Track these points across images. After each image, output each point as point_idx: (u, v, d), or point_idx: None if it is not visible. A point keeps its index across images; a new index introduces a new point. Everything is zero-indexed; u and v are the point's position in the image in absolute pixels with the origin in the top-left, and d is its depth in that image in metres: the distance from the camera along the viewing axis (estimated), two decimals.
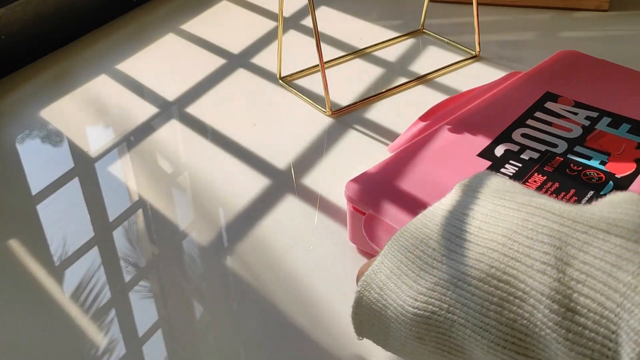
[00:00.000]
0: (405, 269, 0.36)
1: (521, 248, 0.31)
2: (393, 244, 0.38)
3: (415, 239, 0.37)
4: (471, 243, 0.34)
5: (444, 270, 0.34)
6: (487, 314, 0.32)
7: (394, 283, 0.37)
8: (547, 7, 0.89)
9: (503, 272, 0.31)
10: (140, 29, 0.91)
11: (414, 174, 0.53)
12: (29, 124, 0.73)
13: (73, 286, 0.53)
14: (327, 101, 0.71)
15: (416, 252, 0.36)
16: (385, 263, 0.38)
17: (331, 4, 0.95)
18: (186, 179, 0.64)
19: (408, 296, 0.35)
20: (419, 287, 0.35)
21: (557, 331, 0.29)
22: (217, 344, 0.47)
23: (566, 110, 0.59)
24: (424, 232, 0.37)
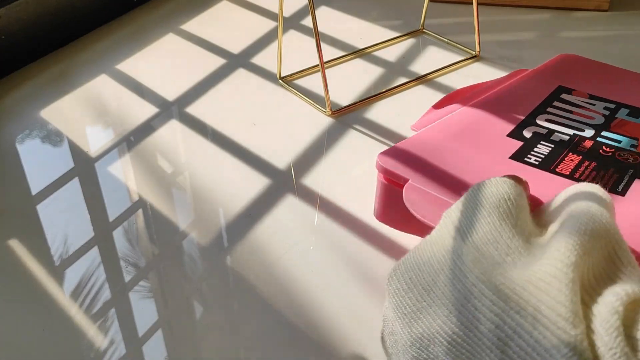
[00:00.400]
0: (399, 314, 0.39)
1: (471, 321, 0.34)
2: (392, 283, 0.40)
3: (410, 281, 0.39)
4: (426, 305, 0.37)
5: (420, 325, 0.37)
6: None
7: (399, 324, 0.39)
8: (547, 7, 0.89)
9: (462, 340, 0.34)
10: (140, 29, 0.91)
11: (446, 149, 0.53)
12: (29, 124, 0.73)
13: (73, 286, 0.53)
14: (327, 101, 0.71)
15: (393, 306, 0.39)
16: (391, 301, 0.40)
17: (331, 4, 0.95)
18: (186, 179, 0.64)
19: (404, 343, 0.38)
20: (410, 337, 0.38)
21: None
22: (217, 344, 0.47)
23: (583, 101, 0.59)
24: (398, 287, 0.39)
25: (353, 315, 0.49)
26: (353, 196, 0.60)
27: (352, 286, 0.51)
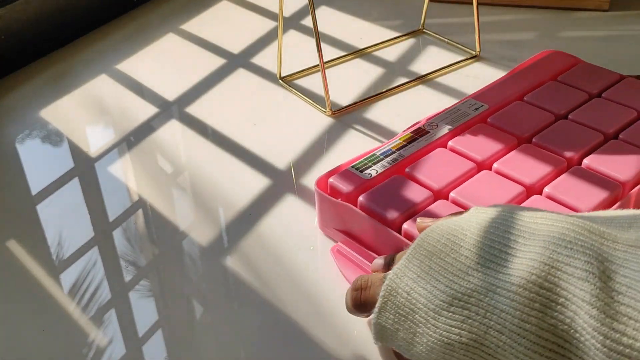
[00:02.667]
0: (435, 274, 0.36)
1: (561, 257, 0.32)
2: (418, 249, 0.38)
3: (445, 245, 0.37)
4: (509, 254, 0.34)
5: (479, 277, 0.35)
6: (528, 319, 0.32)
7: (422, 287, 0.37)
8: (547, 7, 0.89)
9: (544, 280, 0.32)
10: (140, 29, 0.91)
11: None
12: (29, 124, 0.73)
13: (73, 286, 0.53)
14: (327, 101, 0.71)
15: (447, 258, 0.37)
16: (411, 267, 0.38)
17: (331, 4, 0.95)
18: (186, 179, 0.64)
19: (441, 300, 0.35)
20: (453, 291, 0.35)
21: (595, 337, 0.29)
22: (217, 344, 0.47)
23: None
24: (455, 239, 0.37)
25: (353, 315, 0.49)
26: None
27: None
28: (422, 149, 0.56)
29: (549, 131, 0.57)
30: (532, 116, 0.59)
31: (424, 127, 0.59)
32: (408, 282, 0.37)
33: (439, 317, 0.35)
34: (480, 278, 0.34)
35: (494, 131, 0.57)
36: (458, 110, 0.61)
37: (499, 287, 0.33)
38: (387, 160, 0.55)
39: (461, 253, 0.36)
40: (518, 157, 0.54)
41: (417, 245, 0.38)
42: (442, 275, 0.36)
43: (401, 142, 0.57)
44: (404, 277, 0.38)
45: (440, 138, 0.57)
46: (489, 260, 0.35)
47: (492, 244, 0.35)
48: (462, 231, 0.37)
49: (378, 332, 0.39)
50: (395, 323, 0.38)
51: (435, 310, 0.35)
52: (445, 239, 0.37)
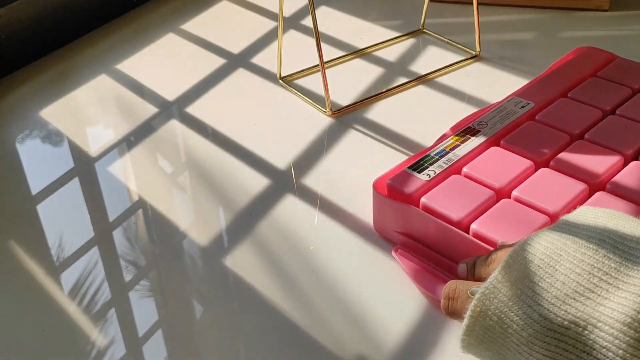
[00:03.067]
0: (529, 300, 0.34)
1: None
2: (509, 270, 0.36)
3: (539, 268, 0.35)
4: (611, 285, 0.32)
5: (578, 308, 0.33)
6: (632, 359, 0.30)
7: (515, 313, 0.35)
8: (547, 7, 0.89)
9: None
10: (140, 29, 0.91)
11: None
12: (29, 124, 0.73)
13: (73, 286, 0.53)
14: (327, 101, 0.71)
15: (542, 282, 0.34)
16: (502, 290, 0.36)
17: (331, 4, 0.95)
18: (186, 179, 0.64)
19: (535, 330, 0.34)
20: (548, 322, 0.33)
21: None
22: (217, 344, 0.47)
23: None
24: (550, 261, 0.35)
25: (353, 315, 0.49)
26: (353, 196, 0.60)
27: (352, 286, 0.51)
28: (475, 148, 0.56)
29: (600, 127, 0.57)
30: (580, 113, 0.59)
31: (473, 126, 0.58)
32: (499, 305, 0.36)
33: (533, 345, 0.34)
34: (579, 309, 0.32)
35: (544, 128, 0.57)
36: (505, 109, 0.60)
37: (600, 322, 0.32)
38: (442, 160, 0.55)
39: (557, 278, 0.34)
40: (574, 154, 0.54)
41: (508, 265, 0.36)
42: (536, 302, 0.34)
43: (454, 142, 0.57)
44: (494, 299, 0.36)
45: (492, 136, 0.57)
46: (589, 290, 0.33)
47: (591, 270, 0.33)
48: (557, 251, 0.35)
49: (465, 347, 0.38)
50: (484, 342, 0.36)
51: (528, 339, 0.34)
52: (539, 260, 0.35)
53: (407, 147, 0.65)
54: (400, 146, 0.65)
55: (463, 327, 0.37)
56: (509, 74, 0.76)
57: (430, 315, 0.48)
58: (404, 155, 0.64)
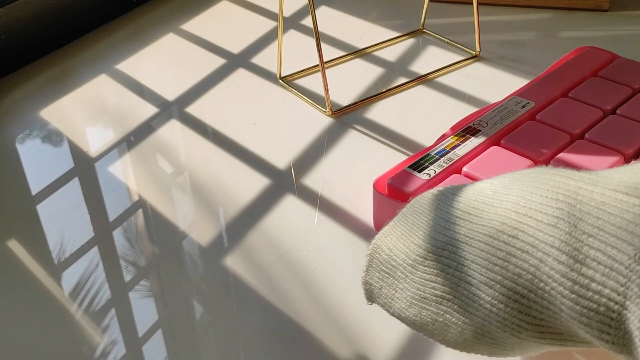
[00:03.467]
0: (416, 230, 0.36)
1: (534, 205, 0.31)
2: (406, 209, 0.38)
3: (432, 203, 0.36)
4: (486, 205, 0.33)
5: (456, 230, 0.34)
6: (493, 269, 0.31)
7: (403, 243, 0.36)
8: (547, 7, 0.89)
9: (513, 228, 0.31)
10: (140, 29, 0.91)
11: None
12: (29, 124, 0.73)
13: (73, 286, 0.53)
14: (327, 101, 0.71)
15: (432, 214, 0.36)
16: (398, 225, 0.37)
17: (331, 4, 0.95)
18: (186, 179, 0.64)
19: (418, 255, 0.35)
20: (429, 245, 0.34)
21: (563, 283, 0.28)
22: (217, 344, 0.47)
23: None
24: (444, 198, 0.36)
25: (353, 315, 0.49)
26: (353, 196, 0.60)
27: (352, 286, 0.51)
28: (476, 147, 0.56)
29: (600, 127, 0.57)
30: (580, 112, 0.59)
31: (474, 126, 0.58)
32: (392, 239, 0.37)
33: (416, 271, 0.35)
34: (456, 230, 0.33)
35: (544, 128, 0.57)
36: (505, 108, 0.61)
37: (471, 239, 0.32)
38: (443, 160, 0.55)
39: (443, 209, 0.35)
40: (574, 154, 0.54)
41: (409, 205, 0.38)
42: (422, 230, 0.35)
43: (454, 141, 0.57)
44: (389, 235, 0.37)
45: (493, 136, 0.57)
46: (467, 213, 0.34)
47: (474, 197, 0.34)
48: (452, 191, 0.37)
49: (367, 290, 0.39)
50: (380, 280, 0.37)
51: (412, 265, 0.35)
52: (436, 197, 0.37)
53: (407, 147, 0.65)
54: (400, 146, 0.65)
55: (363, 269, 0.38)
56: (509, 74, 0.76)
57: None
58: (404, 155, 0.64)
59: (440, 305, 0.34)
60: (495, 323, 0.31)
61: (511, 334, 0.31)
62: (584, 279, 0.27)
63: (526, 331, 0.30)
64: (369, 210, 0.58)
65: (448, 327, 0.34)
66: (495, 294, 0.31)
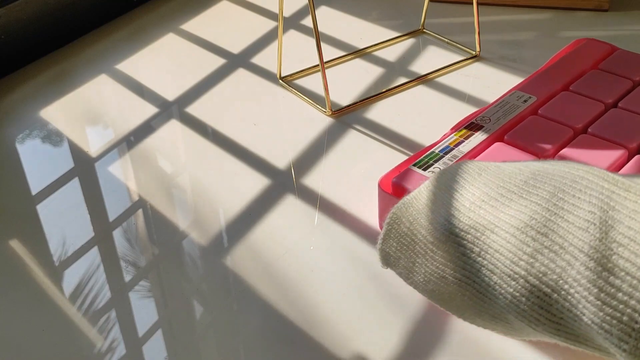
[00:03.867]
0: (439, 207, 0.35)
1: (566, 205, 0.31)
2: (431, 182, 0.37)
3: (457, 182, 0.36)
4: (516, 194, 0.33)
5: (480, 214, 0.34)
6: (518, 263, 0.31)
7: (425, 219, 0.36)
8: (547, 7, 0.89)
9: (543, 225, 0.31)
10: (140, 29, 0.91)
11: None
12: (29, 124, 0.73)
13: (73, 286, 0.53)
14: (327, 101, 0.71)
15: (455, 193, 0.35)
16: (420, 199, 0.37)
17: (331, 4, 0.95)
18: (186, 179, 0.64)
19: (440, 234, 0.34)
20: (452, 226, 0.34)
21: (588, 289, 0.28)
22: (217, 344, 0.47)
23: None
24: (469, 177, 0.36)
25: (353, 314, 0.49)
26: (353, 196, 0.60)
27: (352, 286, 0.51)
28: (479, 144, 0.56)
29: (603, 120, 0.57)
30: (582, 106, 0.59)
31: (477, 122, 0.58)
32: (413, 212, 0.37)
33: (437, 250, 0.35)
34: (481, 215, 0.33)
35: (547, 123, 0.57)
36: (507, 103, 0.60)
37: (497, 227, 0.32)
38: (447, 157, 0.54)
39: (469, 190, 0.35)
40: (578, 148, 0.54)
41: (432, 179, 0.37)
42: (445, 208, 0.35)
43: (457, 138, 0.57)
44: (410, 207, 0.37)
45: (496, 132, 0.57)
46: (494, 199, 0.34)
47: (502, 183, 0.34)
48: (478, 170, 0.36)
49: (383, 257, 0.39)
50: (398, 251, 0.37)
51: (433, 243, 0.35)
52: (460, 177, 0.36)
53: (407, 147, 0.65)
54: (400, 146, 0.65)
55: (380, 237, 0.38)
56: (509, 74, 0.76)
57: (431, 316, 0.48)
58: (404, 155, 0.64)
59: (459, 288, 0.34)
60: (514, 313, 0.31)
61: (528, 325, 0.31)
62: (610, 288, 0.27)
63: (543, 325, 0.31)
64: (369, 210, 0.58)
65: (466, 307, 0.34)
66: (518, 287, 0.31)
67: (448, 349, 0.46)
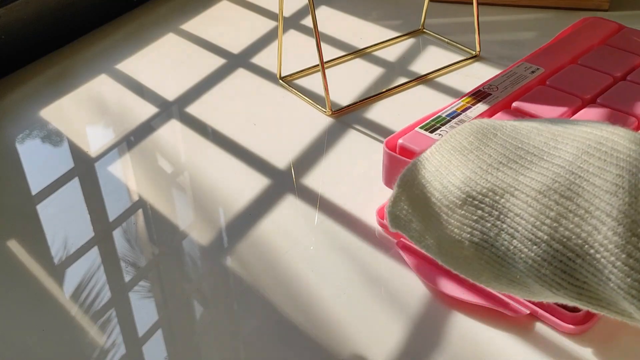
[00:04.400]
0: (454, 169, 0.34)
1: (592, 168, 0.30)
2: (444, 143, 0.36)
3: (471, 143, 0.35)
4: (536, 156, 0.32)
5: (498, 177, 0.32)
6: (541, 227, 0.30)
7: (440, 182, 0.34)
8: (547, 7, 0.89)
9: (567, 188, 0.30)
10: (140, 29, 0.91)
11: None
12: (29, 124, 0.73)
13: (73, 286, 0.53)
14: (327, 101, 0.71)
15: (470, 155, 0.34)
16: (432, 161, 0.36)
17: (331, 4, 0.95)
18: (186, 179, 0.64)
19: (456, 197, 0.33)
20: (469, 189, 0.33)
21: (616, 255, 0.27)
22: (217, 344, 0.47)
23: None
24: (484, 138, 0.35)
25: (353, 314, 0.49)
26: (353, 196, 0.60)
27: (352, 285, 0.51)
28: (486, 110, 0.55)
29: (612, 92, 0.57)
30: (591, 78, 0.59)
31: (484, 90, 0.58)
32: (425, 174, 0.35)
33: (452, 214, 0.33)
34: (499, 178, 0.32)
35: (556, 92, 0.57)
36: (514, 74, 0.60)
37: (517, 190, 0.31)
38: (454, 121, 0.54)
39: (485, 151, 0.34)
40: (587, 118, 0.54)
41: (444, 140, 0.36)
42: (461, 171, 0.34)
43: (464, 104, 0.57)
44: (422, 169, 0.36)
45: (503, 99, 0.57)
46: (513, 161, 0.32)
47: (520, 144, 0.33)
48: (493, 130, 0.35)
49: (392, 220, 0.38)
50: (409, 214, 0.36)
51: (449, 207, 0.33)
52: (474, 137, 0.35)
53: None
54: None
55: (390, 199, 0.37)
56: None
57: (431, 316, 0.48)
58: None
59: (477, 252, 0.33)
60: (534, 277, 0.30)
61: (549, 289, 0.30)
62: (639, 254, 0.27)
63: (565, 290, 0.30)
64: (369, 209, 0.58)
65: (482, 271, 0.33)
66: (540, 251, 0.30)
67: (448, 349, 0.46)
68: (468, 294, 0.48)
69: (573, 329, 0.46)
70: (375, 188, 0.60)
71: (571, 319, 0.45)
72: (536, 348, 0.45)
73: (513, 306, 0.47)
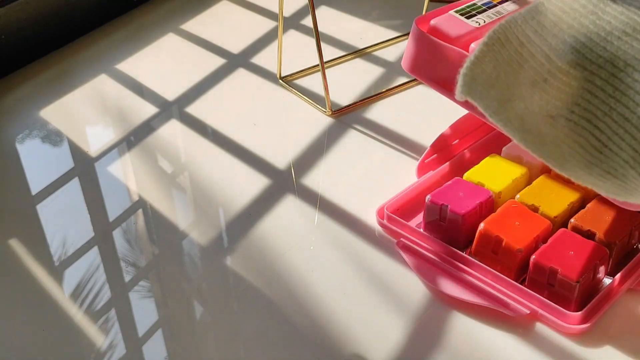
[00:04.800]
0: (566, 30, 0.30)
1: None
2: (549, 2, 0.31)
3: (584, 5, 0.30)
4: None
5: (621, 48, 0.28)
6: None
7: (545, 44, 0.29)
8: None
9: None
10: (140, 29, 0.91)
11: None
12: (29, 124, 0.73)
13: (73, 286, 0.53)
14: (327, 101, 0.71)
15: (584, 20, 0.30)
16: (534, 18, 0.31)
17: (331, 4, 0.95)
18: (186, 179, 0.64)
19: (565, 62, 0.29)
20: (583, 57, 0.28)
21: None
22: (217, 344, 0.47)
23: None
24: (598, 2, 0.30)
25: (353, 314, 0.49)
26: (353, 196, 0.60)
27: (352, 285, 0.51)
28: (525, 4, 0.51)
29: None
30: None
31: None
32: (529, 32, 0.30)
33: (554, 81, 0.29)
34: (622, 48, 0.28)
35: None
36: None
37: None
38: (491, 11, 0.51)
39: (603, 17, 0.29)
40: None
41: (548, 1, 0.31)
42: (573, 35, 0.29)
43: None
44: (526, 25, 0.31)
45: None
46: (638, 31, 0.28)
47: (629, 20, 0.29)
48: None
49: (466, 84, 0.32)
50: (492, 78, 0.31)
51: (550, 73, 0.29)
52: (587, 0, 0.30)
53: (407, 146, 0.65)
54: (400, 146, 0.65)
55: (471, 59, 0.31)
56: None
57: (431, 315, 0.48)
58: (404, 155, 0.64)
59: (572, 132, 0.28)
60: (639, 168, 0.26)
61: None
62: None
63: None
64: (369, 210, 0.57)
65: (573, 155, 0.28)
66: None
67: (448, 349, 0.46)
68: (468, 294, 0.48)
69: (573, 329, 0.46)
70: (375, 188, 0.60)
71: (571, 319, 0.45)
72: (536, 348, 0.45)
73: (513, 306, 0.47)
